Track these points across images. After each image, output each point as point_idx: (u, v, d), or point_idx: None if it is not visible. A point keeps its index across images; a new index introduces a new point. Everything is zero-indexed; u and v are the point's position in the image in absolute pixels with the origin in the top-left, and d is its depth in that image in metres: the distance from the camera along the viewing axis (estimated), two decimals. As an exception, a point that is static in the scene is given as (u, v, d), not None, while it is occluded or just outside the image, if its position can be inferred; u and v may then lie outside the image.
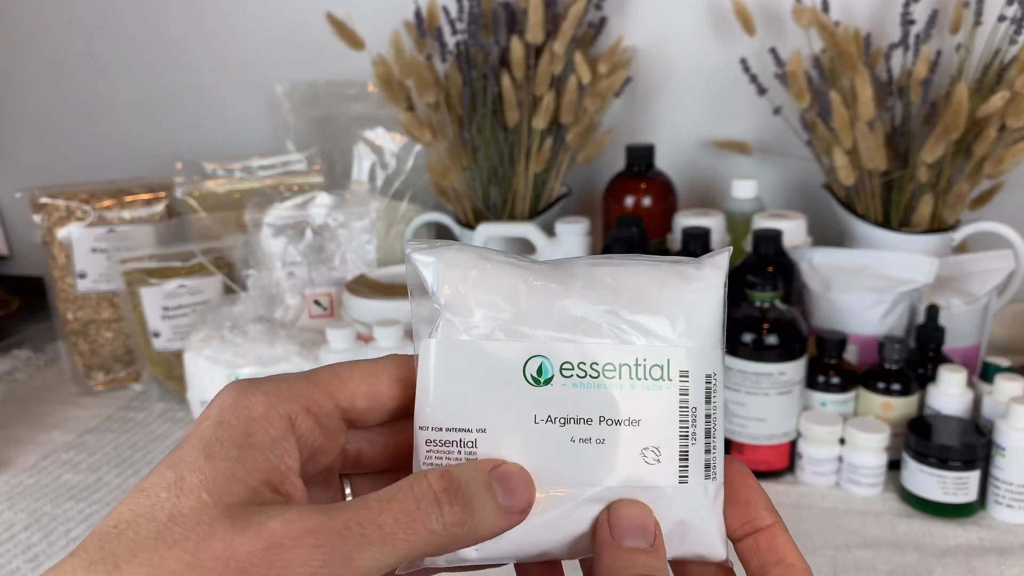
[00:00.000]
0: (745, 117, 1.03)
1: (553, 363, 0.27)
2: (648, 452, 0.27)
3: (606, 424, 0.27)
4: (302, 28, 1.11)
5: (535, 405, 0.27)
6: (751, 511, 0.29)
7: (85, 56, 1.22)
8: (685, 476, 0.28)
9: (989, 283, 0.83)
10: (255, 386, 0.26)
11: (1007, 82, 0.81)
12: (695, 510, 0.28)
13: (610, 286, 0.28)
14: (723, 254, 0.29)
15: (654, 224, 0.96)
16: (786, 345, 0.75)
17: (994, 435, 0.70)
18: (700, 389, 0.28)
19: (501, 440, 0.27)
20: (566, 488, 0.27)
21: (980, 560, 0.66)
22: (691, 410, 0.28)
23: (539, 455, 0.27)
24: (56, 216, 0.98)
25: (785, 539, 0.29)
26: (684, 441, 0.28)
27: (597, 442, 0.27)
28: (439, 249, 0.29)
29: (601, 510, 0.27)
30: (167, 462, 0.24)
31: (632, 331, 0.28)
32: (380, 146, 1.09)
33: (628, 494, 0.27)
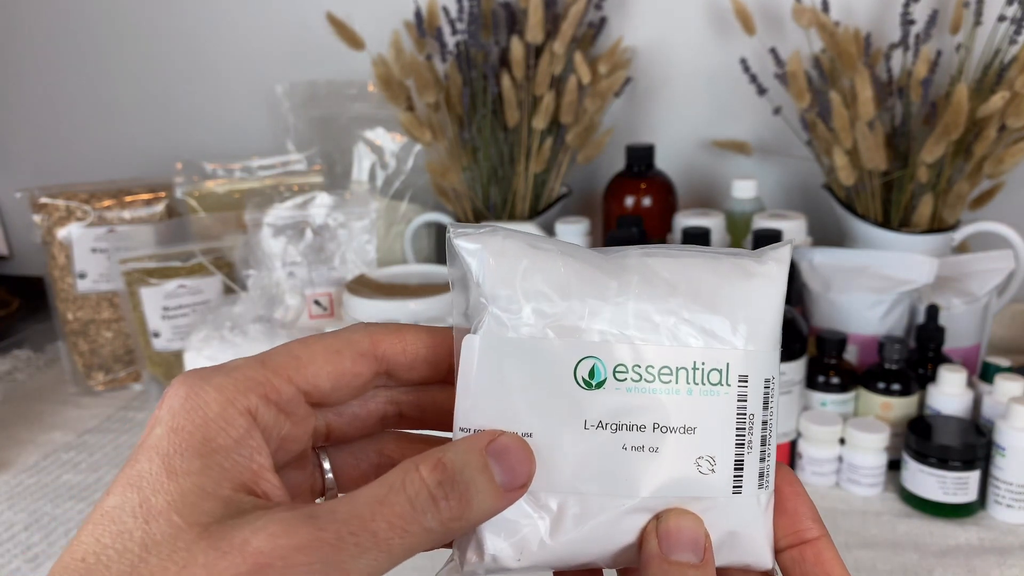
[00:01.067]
0: (745, 117, 1.03)
1: (606, 365, 0.25)
2: (703, 461, 0.26)
3: (660, 431, 0.25)
4: (302, 28, 1.11)
5: (586, 409, 0.25)
6: (798, 521, 0.27)
7: (85, 56, 1.22)
8: (739, 486, 0.26)
9: (989, 283, 0.83)
10: (204, 381, 0.24)
11: (1007, 82, 0.82)
12: (746, 520, 0.26)
13: (667, 281, 0.26)
14: (785, 247, 0.27)
15: (654, 224, 0.96)
16: (786, 345, 0.75)
17: (994, 435, 0.70)
18: (759, 395, 0.26)
19: (548, 446, 0.25)
20: (615, 497, 0.25)
21: (980, 560, 0.66)
22: (748, 417, 0.26)
23: (588, 463, 0.25)
24: (56, 216, 0.98)
25: (832, 554, 0.27)
26: (740, 450, 0.26)
27: (650, 450, 0.25)
28: (484, 235, 0.26)
29: (650, 519, 0.26)
30: (126, 481, 0.22)
31: (691, 331, 0.26)
32: (380, 146, 1.09)
33: (680, 504, 0.26)
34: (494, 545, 0.25)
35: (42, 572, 0.69)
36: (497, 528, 0.25)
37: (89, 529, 0.22)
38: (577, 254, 0.27)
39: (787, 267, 0.27)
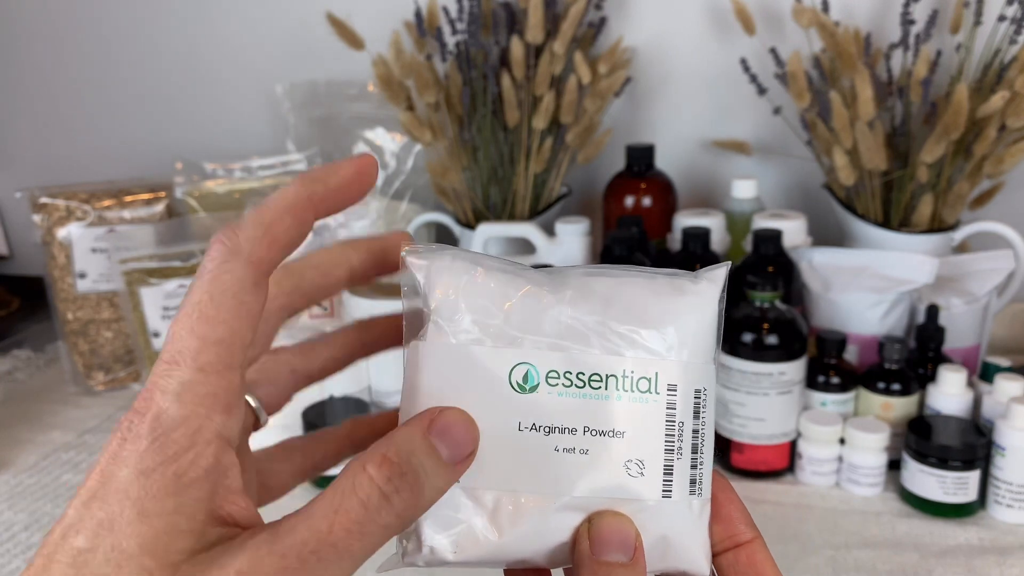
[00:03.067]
0: (745, 117, 1.03)
1: (539, 371, 0.27)
2: (632, 464, 0.27)
3: (590, 434, 0.27)
4: (302, 28, 1.11)
5: (520, 412, 0.27)
6: (732, 526, 0.28)
7: (85, 56, 1.22)
8: (669, 491, 0.27)
9: (989, 283, 0.83)
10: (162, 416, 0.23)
11: (1007, 82, 0.81)
12: (679, 525, 0.27)
13: (602, 296, 0.28)
14: (721, 268, 0.29)
15: (654, 224, 0.96)
16: (786, 345, 0.75)
17: (994, 435, 0.70)
18: (688, 404, 0.27)
19: (484, 445, 0.27)
20: (547, 496, 0.27)
21: (980, 560, 0.66)
22: (678, 424, 0.27)
23: (522, 463, 0.27)
24: (56, 216, 0.98)
25: (764, 555, 0.28)
26: (669, 455, 0.27)
27: (581, 452, 0.27)
28: (433, 253, 0.28)
29: (582, 521, 0.27)
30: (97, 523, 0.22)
31: (621, 342, 0.27)
32: (380, 146, 1.09)
33: (610, 506, 0.27)
34: (432, 538, 0.27)
35: (42, 572, 0.69)
36: (435, 521, 0.27)
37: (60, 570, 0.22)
38: (519, 271, 0.28)
39: (720, 287, 0.29)
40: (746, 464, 0.78)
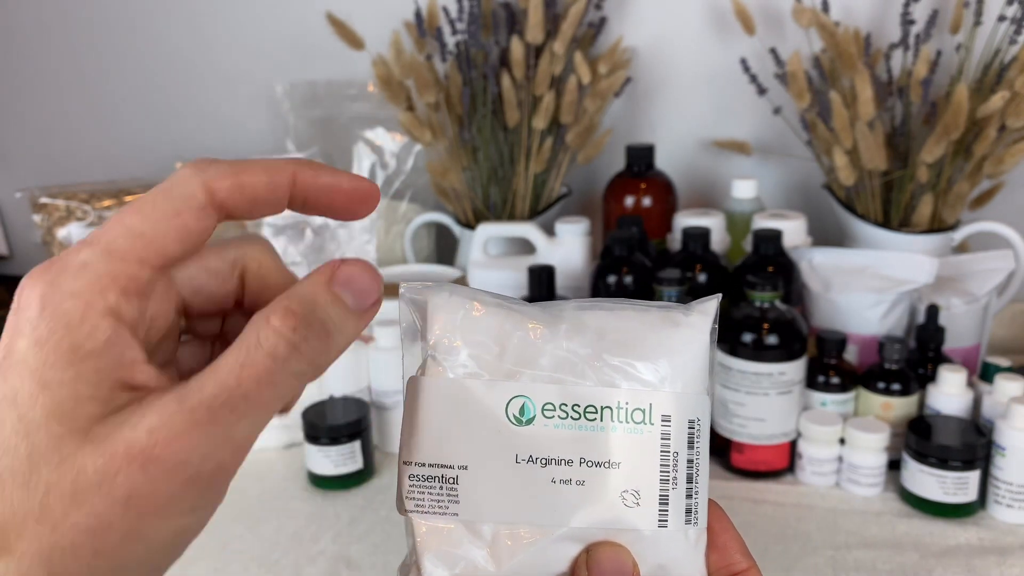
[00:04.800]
0: (745, 117, 1.03)
1: (535, 403, 0.27)
2: (628, 495, 0.27)
3: (586, 466, 0.27)
4: (302, 28, 1.11)
5: (517, 445, 0.27)
6: (727, 555, 0.29)
7: (85, 56, 1.22)
8: (665, 520, 0.28)
9: (989, 283, 0.83)
10: (56, 287, 0.23)
11: (1007, 82, 0.82)
12: (675, 555, 0.28)
13: (596, 329, 0.28)
14: (712, 301, 0.30)
15: (654, 224, 0.96)
16: (786, 345, 0.75)
17: (994, 435, 0.70)
18: (682, 434, 0.28)
19: (482, 477, 0.27)
20: (544, 528, 0.27)
21: (980, 560, 0.66)
22: (672, 455, 0.28)
23: (518, 493, 0.27)
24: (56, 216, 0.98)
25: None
26: (664, 485, 0.28)
27: (577, 483, 0.27)
28: (431, 289, 0.29)
29: (580, 551, 0.27)
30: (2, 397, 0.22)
31: (615, 375, 0.28)
32: (380, 146, 1.09)
33: (607, 536, 0.27)
34: (433, 568, 0.27)
35: (42, 572, 0.69)
36: (436, 556, 0.27)
37: None
38: (514, 307, 0.29)
39: (712, 318, 0.29)
40: (746, 464, 0.78)
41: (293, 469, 0.84)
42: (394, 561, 0.68)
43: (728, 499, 0.75)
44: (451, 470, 0.28)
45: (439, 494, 0.28)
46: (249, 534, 0.73)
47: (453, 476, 0.28)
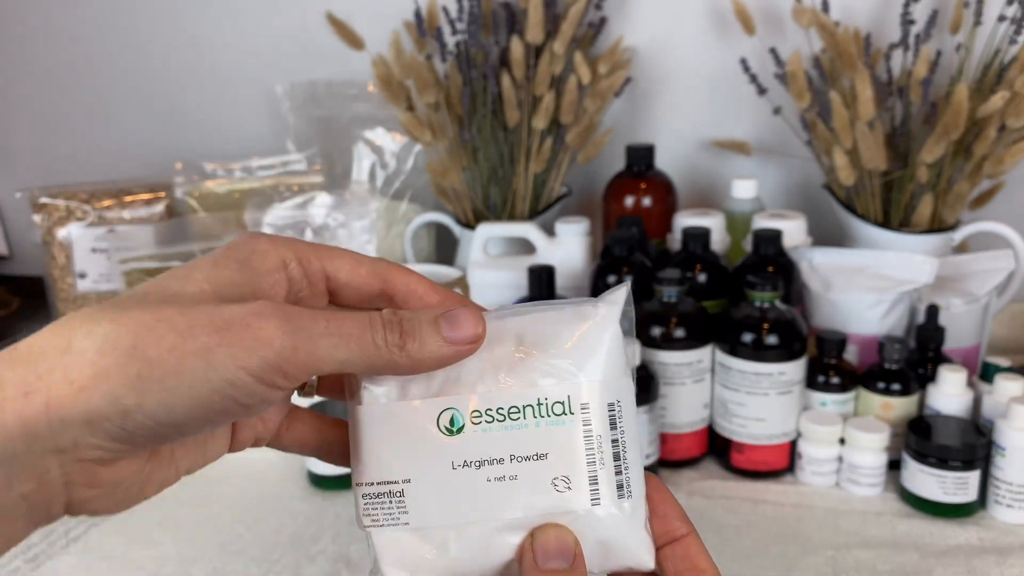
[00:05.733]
0: (745, 117, 1.03)
1: (463, 413, 0.30)
2: (559, 481, 0.30)
3: (516, 461, 0.30)
4: (302, 28, 1.11)
5: (451, 453, 0.30)
6: (667, 523, 0.31)
7: (85, 56, 1.22)
8: (597, 499, 0.30)
9: (989, 283, 0.83)
10: (261, 234, 0.31)
11: (1007, 82, 0.82)
12: (614, 528, 0.30)
13: (515, 333, 0.31)
14: (621, 290, 0.32)
15: (654, 224, 0.96)
16: (786, 345, 0.75)
17: (994, 435, 0.70)
18: (603, 418, 0.30)
19: (425, 487, 0.30)
20: (486, 523, 0.30)
21: (980, 560, 0.66)
22: (596, 438, 0.30)
23: (459, 497, 0.30)
24: (56, 216, 0.98)
25: (698, 547, 0.31)
26: (592, 467, 0.30)
27: (510, 479, 0.30)
28: None
29: (525, 537, 0.30)
30: (181, 267, 0.29)
31: (534, 374, 0.30)
32: (380, 146, 1.09)
33: (545, 520, 0.30)
34: (393, 574, 0.30)
35: (42, 572, 0.69)
36: (393, 560, 0.30)
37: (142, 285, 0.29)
38: None
39: (620, 307, 0.31)
40: (746, 464, 0.78)
41: (293, 469, 0.84)
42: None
43: (728, 499, 0.75)
44: (396, 485, 0.30)
45: (389, 507, 0.30)
46: (249, 534, 0.73)
47: (399, 490, 0.30)
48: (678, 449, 0.80)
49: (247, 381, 0.26)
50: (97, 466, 0.27)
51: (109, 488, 0.28)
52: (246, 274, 0.29)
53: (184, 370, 0.25)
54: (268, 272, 0.30)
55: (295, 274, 0.31)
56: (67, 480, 0.26)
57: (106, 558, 0.70)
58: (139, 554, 0.71)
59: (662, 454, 0.80)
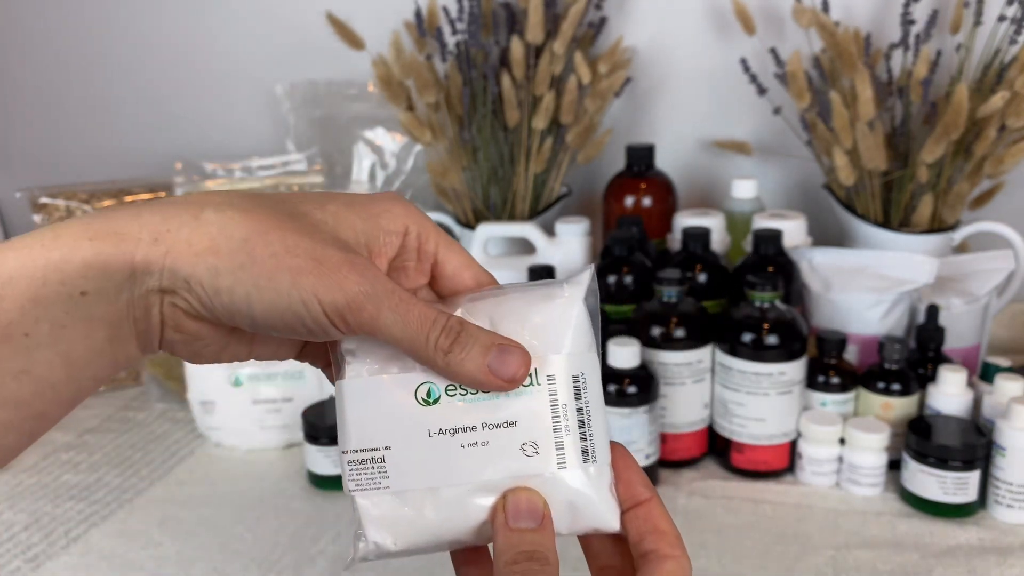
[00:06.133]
0: (745, 117, 1.03)
1: (439, 386, 0.32)
2: (527, 447, 0.32)
3: (488, 429, 0.32)
4: (302, 28, 1.11)
5: (428, 422, 0.32)
6: (632, 488, 0.33)
7: (85, 56, 1.22)
8: (563, 462, 0.32)
9: (989, 283, 0.83)
10: (401, 198, 0.34)
11: (1007, 82, 0.82)
12: (580, 491, 0.32)
13: (487, 313, 0.33)
14: (586, 272, 0.34)
15: (654, 224, 0.96)
16: (786, 345, 0.75)
17: (994, 435, 0.70)
18: (568, 388, 0.32)
19: (403, 454, 0.32)
20: (460, 485, 0.32)
21: (980, 560, 0.66)
22: (561, 407, 0.32)
23: (435, 462, 0.32)
24: (56, 216, 0.98)
25: (660, 511, 0.33)
26: (558, 433, 0.32)
27: (483, 444, 0.32)
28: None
29: (497, 499, 0.32)
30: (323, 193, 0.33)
31: None
32: (380, 146, 1.09)
33: (515, 483, 0.32)
34: (375, 534, 0.33)
35: (42, 572, 0.69)
36: (376, 523, 0.33)
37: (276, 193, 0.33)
38: None
39: (584, 287, 0.34)
40: (746, 464, 0.78)
41: (293, 469, 0.84)
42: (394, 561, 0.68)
43: (728, 499, 0.75)
44: (378, 451, 0.33)
45: (372, 473, 0.33)
46: (249, 534, 0.73)
47: (380, 456, 0.33)
48: (678, 449, 0.80)
49: (316, 310, 0.30)
50: (185, 316, 0.31)
51: (190, 339, 0.32)
52: (369, 224, 0.33)
53: (274, 277, 0.29)
54: (388, 232, 0.33)
55: (411, 244, 0.34)
56: (162, 319, 0.31)
57: (106, 558, 0.70)
58: (139, 554, 0.71)
59: (662, 454, 0.80)
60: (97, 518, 0.76)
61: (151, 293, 0.30)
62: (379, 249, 0.33)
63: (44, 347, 0.28)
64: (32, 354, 0.28)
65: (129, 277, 0.29)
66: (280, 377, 0.87)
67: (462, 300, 0.34)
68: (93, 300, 0.29)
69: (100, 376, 0.31)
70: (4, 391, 0.28)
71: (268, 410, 0.87)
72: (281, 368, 0.87)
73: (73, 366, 0.29)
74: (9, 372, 0.28)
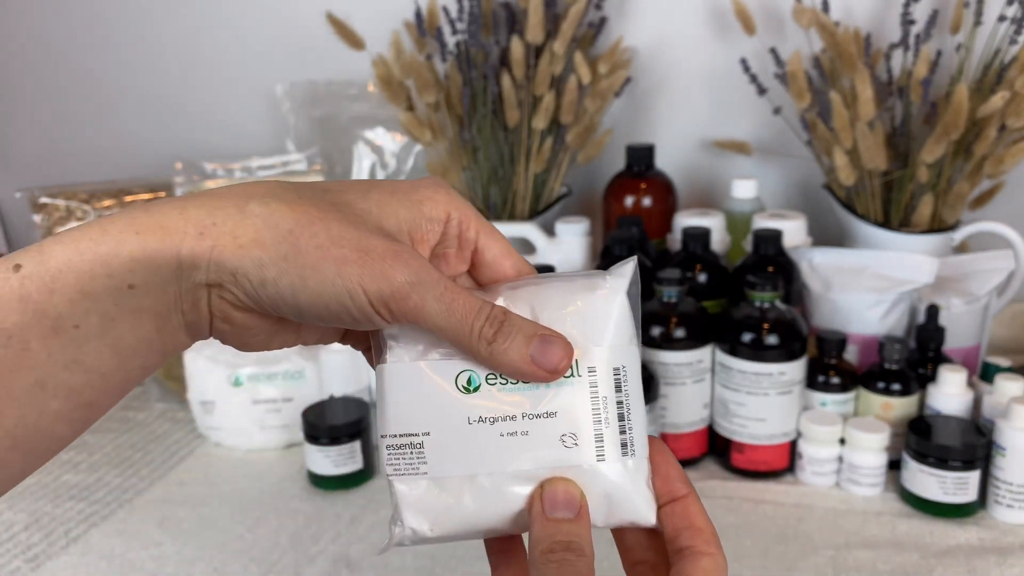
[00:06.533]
0: (745, 117, 1.03)
1: (479, 374, 0.32)
2: (567, 438, 0.32)
3: (528, 418, 0.32)
4: (302, 28, 1.11)
5: (468, 409, 0.32)
6: (669, 483, 0.33)
7: (85, 56, 1.22)
8: (602, 455, 0.32)
9: (989, 283, 0.83)
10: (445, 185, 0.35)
11: (1007, 82, 0.82)
12: (617, 483, 0.32)
13: (528, 301, 0.33)
14: (629, 264, 0.34)
15: (654, 224, 0.96)
16: (786, 345, 0.75)
17: (994, 435, 0.70)
18: (609, 380, 0.32)
19: (442, 440, 0.32)
20: (499, 474, 0.32)
21: (980, 560, 0.66)
22: (601, 399, 0.32)
23: (474, 449, 0.32)
24: (56, 216, 0.98)
25: (697, 507, 0.33)
26: (597, 425, 0.32)
27: (522, 434, 0.32)
28: None
29: (535, 488, 0.32)
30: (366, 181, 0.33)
31: None
32: (380, 146, 1.09)
33: (554, 474, 0.32)
34: (411, 520, 0.33)
35: (42, 572, 0.69)
36: (414, 507, 0.33)
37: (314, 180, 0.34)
38: None
39: (628, 279, 0.34)
40: (746, 464, 0.78)
41: (293, 469, 0.84)
42: (394, 561, 0.68)
43: (728, 499, 0.75)
44: (417, 437, 0.33)
45: (410, 458, 0.33)
46: (249, 534, 0.73)
47: (419, 442, 0.33)
48: (678, 449, 0.80)
49: (361, 300, 0.30)
50: (233, 308, 0.31)
51: (239, 329, 0.32)
52: (412, 212, 0.33)
53: (320, 267, 0.30)
54: (430, 220, 0.33)
55: (452, 232, 0.34)
56: (211, 311, 0.31)
57: (106, 558, 0.70)
58: (139, 554, 0.71)
59: (662, 454, 0.79)
60: (97, 518, 0.76)
61: (198, 287, 0.30)
62: (421, 236, 0.33)
63: (94, 338, 0.29)
64: (82, 345, 0.29)
65: (176, 271, 0.30)
66: (280, 377, 0.87)
67: (503, 288, 0.34)
68: (141, 293, 0.29)
69: (149, 365, 0.31)
70: (55, 381, 0.29)
71: (268, 410, 0.87)
72: (281, 368, 0.87)
73: (122, 356, 0.30)
74: (60, 363, 0.29)
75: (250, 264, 0.30)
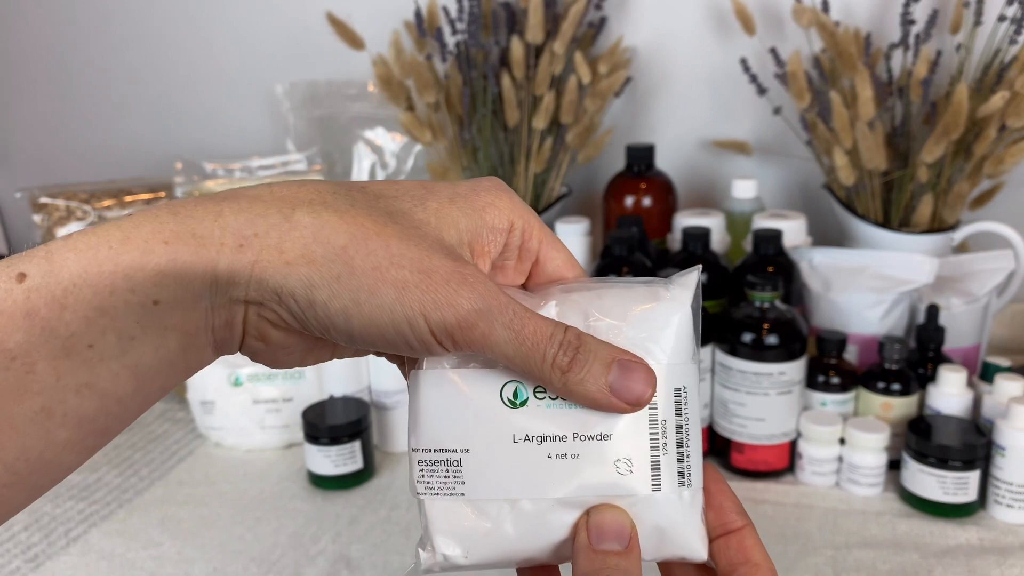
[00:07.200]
0: (745, 117, 1.03)
1: (527, 386, 0.29)
2: (621, 463, 0.29)
3: (579, 440, 0.29)
4: (302, 28, 1.11)
5: (513, 426, 0.29)
6: (724, 515, 0.31)
7: (85, 56, 1.22)
8: (658, 484, 0.29)
9: (989, 283, 0.83)
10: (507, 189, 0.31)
11: (1007, 82, 0.82)
12: (671, 516, 0.29)
13: (582, 308, 0.30)
14: (692, 273, 0.31)
15: (654, 224, 0.96)
16: (786, 345, 0.75)
17: (994, 435, 0.70)
18: (669, 403, 0.29)
19: (484, 459, 0.29)
20: (544, 500, 0.29)
21: (980, 560, 0.66)
22: (661, 423, 0.29)
23: (518, 470, 0.29)
24: (56, 216, 0.98)
25: (754, 540, 0.30)
26: (655, 452, 0.29)
27: (572, 457, 0.29)
28: None
29: (580, 516, 0.29)
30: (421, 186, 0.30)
31: None
32: (380, 146, 1.09)
33: (602, 501, 0.29)
34: (444, 546, 0.30)
35: (42, 572, 0.69)
36: (446, 534, 0.30)
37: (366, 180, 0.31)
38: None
39: (692, 291, 0.30)
40: (746, 464, 0.78)
41: (293, 469, 0.84)
42: (394, 561, 0.68)
43: (728, 499, 0.75)
44: (455, 453, 0.29)
45: (446, 476, 0.29)
46: (249, 534, 0.73)
47: (457, 459, 0.29)
48: (678, 449, 0.80)
49: (422, 329, 0.27)
50: (272, 327, 0.28)
51: (274, 347, 0.29)
52: (473, 221, 0.30)
53: (377, 292, 0.27)
54: (492, 229, 0.30)
55: (514, 242, 0.31)
56: (244, 328, 0.28)
57: (106, 558, 0.70)
58: (139, 554, 0.71)
59: (662, 454, 0.80)
60: (97, 518, 0.76)
61: (234, 303, 0.27)
62: (482, 248, 0.30)
63: (110, 359, 0.25)
64: (96, 367, 0.25)
65: (210, 286, 0.26)
66: (280, 377, 0.87)
67: (555, 291, 0.31)
68: (167, 309, 0.26)
69: (168, 386, 0.28)
70: (65, 407, 0.25)
71: (268, 410, 0.87)
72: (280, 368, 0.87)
73: (141, 378, 0.26)
74: (70, 387, 0.25)
75: (297, 283, 0.26)
